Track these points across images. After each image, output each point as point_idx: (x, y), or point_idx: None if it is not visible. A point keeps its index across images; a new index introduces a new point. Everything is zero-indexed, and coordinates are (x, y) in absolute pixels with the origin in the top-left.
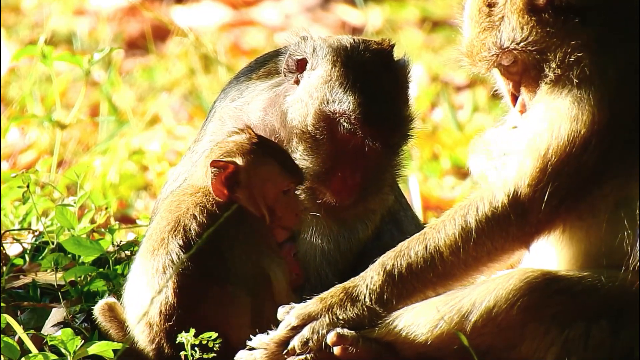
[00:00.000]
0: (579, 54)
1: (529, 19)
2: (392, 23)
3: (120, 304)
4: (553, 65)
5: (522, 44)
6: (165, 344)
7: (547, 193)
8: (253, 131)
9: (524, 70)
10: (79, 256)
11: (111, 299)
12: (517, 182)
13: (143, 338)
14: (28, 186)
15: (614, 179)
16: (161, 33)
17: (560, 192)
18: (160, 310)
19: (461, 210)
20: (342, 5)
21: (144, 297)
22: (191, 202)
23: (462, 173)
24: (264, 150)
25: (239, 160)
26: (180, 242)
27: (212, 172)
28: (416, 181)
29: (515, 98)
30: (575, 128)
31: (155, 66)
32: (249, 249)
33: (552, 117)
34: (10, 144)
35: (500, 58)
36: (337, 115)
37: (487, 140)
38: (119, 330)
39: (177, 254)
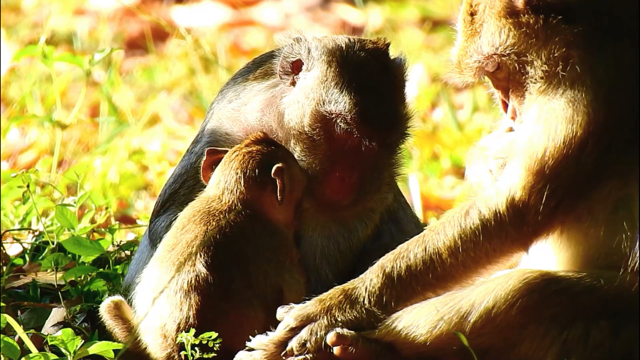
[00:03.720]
0: (566, 51)
1: (505, 21)
2: (392, 23)
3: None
4: (538, 63)
5: (500, 47)
6: (176, 356)
7: (545, 195)
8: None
9: (510, 76)
10: (79, 256)
11: (118, 297)
12: (515, 185)
13: (155, 345)
14: (28, 186)
15: (612, 180)
16: (161, 33)
17: (557, 194)
18: (179, 327)
19: (460, 212)
20: (342, 5)
21: (162, 310)
22: (223, 218)
23: (462, 173)
24: (289, 152)
25: (282, 167)
26: (210, 260)
27: (257, 182)
28: (416, 181)
29: (506, 105)
30: (571, 129)
31: (155, 66)
32: (274, 266)
33: (548, 119)
34: (11, 144)
35: (483, 64)
36: (334, 115)
37: (482, 147)
38: (124, 330)
39: (204, 274)
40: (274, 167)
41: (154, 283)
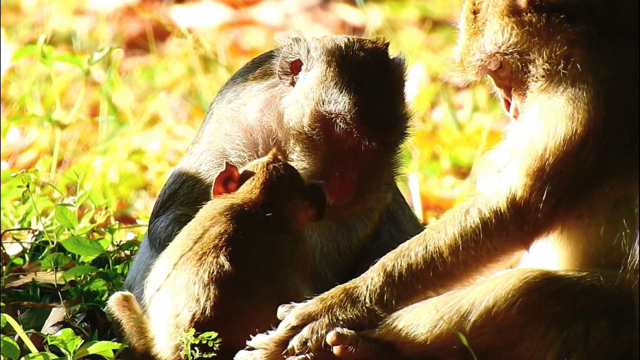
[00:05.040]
0: (568, 49)
1: (508, 20)
2: (392, 23)
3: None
4: (540, 61)
5: (504, 46)
6: (186, 347)
7: (546, 193)
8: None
9: (512, 74)
10: (79, 256)
11: (127, 292)
12: (515, 183)
13: (165, 335)
14: (28, 186)
15: (612, 178)
16: (161, 33)
17: (558, 191)
18: (193, 317)
19: (461, 210)
20: (342, 4)
21: (178, 299)
22: (255, 220)
23: (461, 173)
24: None
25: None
26: (234, 256)
27: (300, 195)
28: (416, 181)
29: (508, 104)
30: (571, 127)
31: (155, 66)
32: (293, 271)
33: (548, 117)
34: (10, 143)
35: (486, 63)
36: (333, 115)
37: (491, 160)
38: (129, 321)
39: (227, 268)
40: (323, 183)
41: (170, 270)
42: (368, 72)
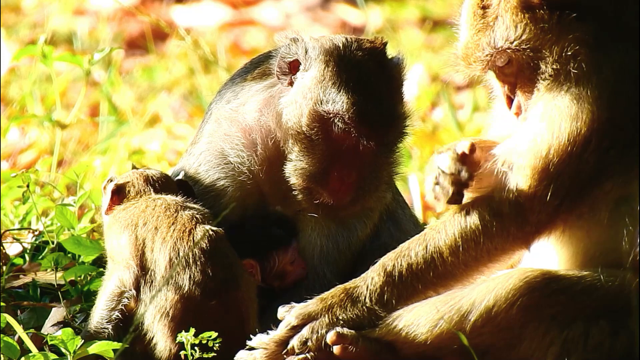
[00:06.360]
0: (576, 48)
1: (522, 16)
2: (392, 23)
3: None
4: (550, 60)
5: (515, 42)
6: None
7: (548, 193)
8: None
9: (519, 71)
10: (79, 256)
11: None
12: (518, 184)
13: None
14: (28, 186)
15: (613, 177)
16: (161, 33)
17: (560, 191)
18: (204, 288)
19: (462, 210)
20: (342, 5)
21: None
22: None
23: None
24: None
25: None
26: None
27: None
28: (416, 181)
29: (510, 101)
30: (575, 127)
31: (155, 66)
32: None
33: (552, 116)
34: (10, 143)
35: (494, 58)
36: (331, 115)
37: (491, 161)
38: None
39: (220, 233)
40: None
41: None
42: (366, 72)
